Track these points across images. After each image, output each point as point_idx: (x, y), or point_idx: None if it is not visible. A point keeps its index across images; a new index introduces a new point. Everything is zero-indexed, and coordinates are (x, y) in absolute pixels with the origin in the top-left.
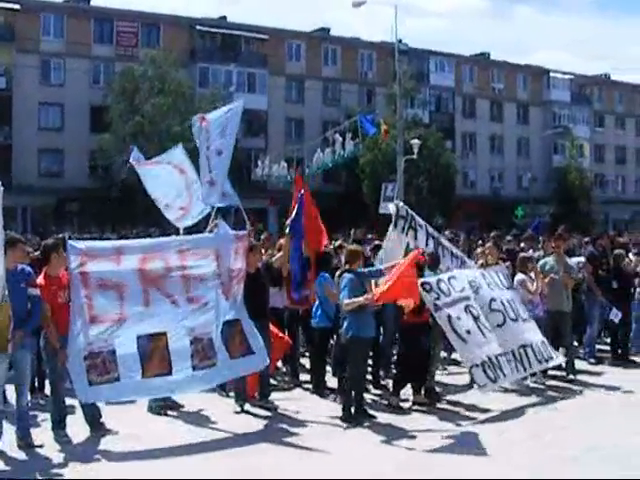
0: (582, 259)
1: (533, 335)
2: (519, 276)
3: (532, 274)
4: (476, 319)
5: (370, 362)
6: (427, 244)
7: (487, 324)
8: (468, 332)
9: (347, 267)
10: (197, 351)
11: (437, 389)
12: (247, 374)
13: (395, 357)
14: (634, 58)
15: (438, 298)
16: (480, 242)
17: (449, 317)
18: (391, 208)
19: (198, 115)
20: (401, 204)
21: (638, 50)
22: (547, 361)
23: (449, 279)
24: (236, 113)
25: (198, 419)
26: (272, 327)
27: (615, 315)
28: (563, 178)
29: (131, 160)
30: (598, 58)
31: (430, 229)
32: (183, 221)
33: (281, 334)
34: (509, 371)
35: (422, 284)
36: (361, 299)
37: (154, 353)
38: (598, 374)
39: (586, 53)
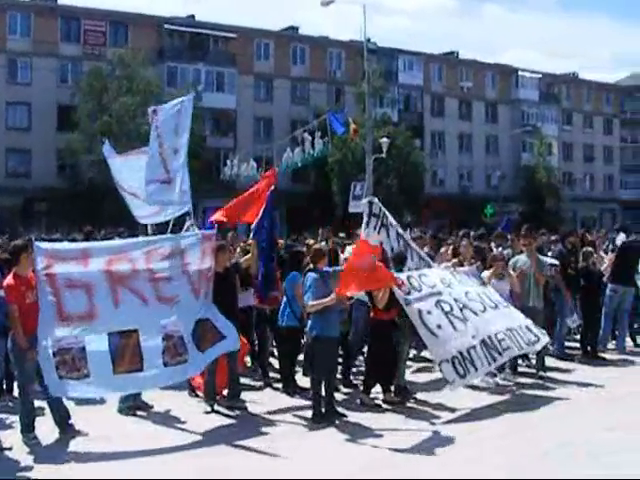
0: (555, 261)
1: (516, 319)
2: (485, 272)
3: (502, 272)
4: (447, 313)
5: (340, 361)
6: (398, 242)
7: (461, 316)
8: (439, 327)
9: (312, 267)
10: (168, 348)
11: (408, 387)
12: (218, 355)
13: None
14: (601, 57)
15: (409, 293)
16: (450, 240)
17: (419, 312)
18: (364, 205)
19: (150, 108)
20: (376, 200)
21: (604, 49)
22: (534, 344)
23: (419, 276)
24: (186, 109)
25: (167, 419)
26: None
27: (573, 321)
28: (532, 176)
29: (104, 152)
30: (566, 57)
31: (400, 229)
32: (155, 218)
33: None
34: (481, 364)
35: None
36: (324, 301)
37: (125, 350)
38: (568, 371)
39: (554, 52)
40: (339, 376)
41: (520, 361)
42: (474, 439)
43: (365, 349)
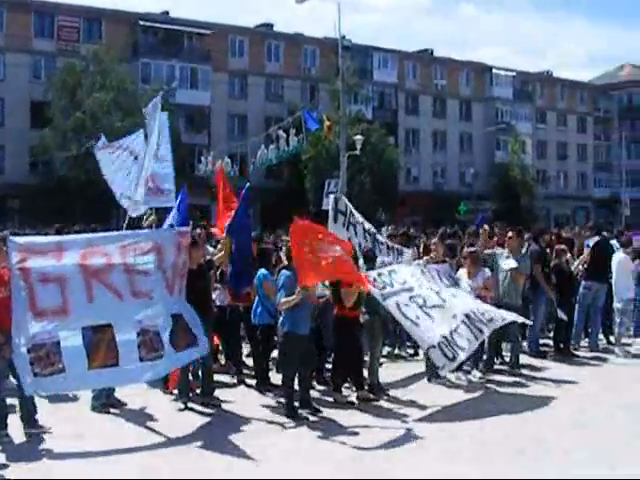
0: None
1: (480, 303)
2: (460, 271)
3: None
4: (422, 307)
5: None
6: (365, 239)
7: (436, 303)
8: (417, 318)
9: (286, 264)
10: (144, 342)
11: (382, 385)
12: (191, 361)
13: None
14: (575, 55)
15: (384, 288)
16: (423, 237)
17: (397, 304)
18: (329, 201)
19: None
20: (342, 198)
21: (579, 47)
22: (504, 319)
23: (389, 272)
24: (159, 114)
25: (141, 417)
26: None
27: (561, 314)
28: (505, 174)
29: (96, 147)
30: (540, 55)
31: (367, 225)
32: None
33: None
34: (466, 343)
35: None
36: (294, 297)
37: (100, 344)
38: (541, 368)
39: (528, 50)
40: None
41: (495, 359)
42: (447, 436)
43: None
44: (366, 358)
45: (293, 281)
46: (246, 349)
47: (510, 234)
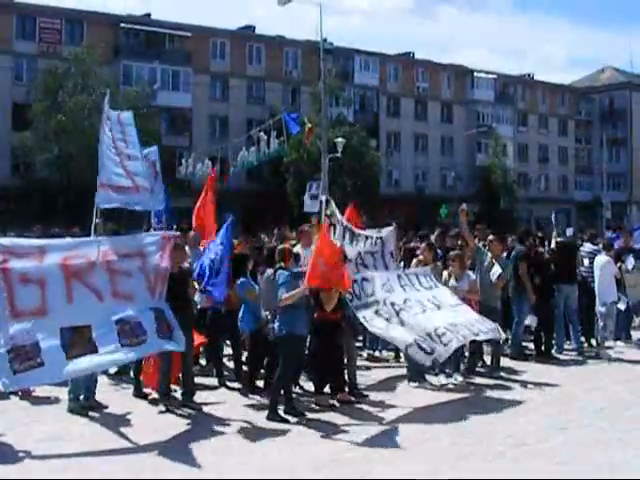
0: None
1: (462, 316)
2: (445, 273)
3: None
4: (387, 320)
5: None
6: (344, 237)
7: (402, 320)
8: (386, 327)
9: (282, 265)
10: (123, 330)
11: (360, 387)
12: (167, 350)
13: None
14: (556, 58)
15: (351, 300)
16: (403, 240)
17: (364, 318)
18: (321, 202)
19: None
20: (330, 200)
21: (560, 50)
22: (486, 333)
23: (362, 281)
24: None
25: (121, 420)
26: None
27: (532, 320)
28: (487, 177)
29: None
30: (521, 58)
31: (346, 223)
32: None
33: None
34: (447, 339)
35: None
36: (298, 291)
37: (78, 341)
38: (523, 371)
39: (509, 53)
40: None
41: (476, 362)
42: (427, 438)
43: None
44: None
45: (292, 279)
46: (228, 351)
47: (491, 237)
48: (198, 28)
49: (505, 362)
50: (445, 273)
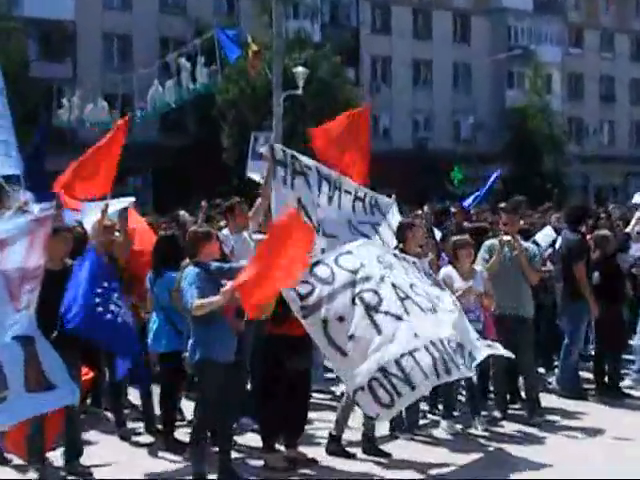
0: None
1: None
2: (446, 270)
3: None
4: (372, 309)
5: None
6: (321, 190)
7: (396, 310)
8: (351, 337)
9: (192, 259)
10: None
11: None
12: (53, 410)
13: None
14: None
15: (310, 294)
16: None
17: (325, 322)
18: (264, 153)
19: None
20: (277, 146)
21: None
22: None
23: (337, 258)
24: None
25: None
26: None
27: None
28: (521, 125)
29: None
30: None
31: (324, 170)
32: None
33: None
34: (423, 375)
35: None
36: (219, 297)
37: None
38: (577, 416)
39: None
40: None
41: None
42: None
43: None
44: None
45: (207, 279)
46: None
47: (505, 218)
48: None
49: (550, 401)
50: (451, 271)
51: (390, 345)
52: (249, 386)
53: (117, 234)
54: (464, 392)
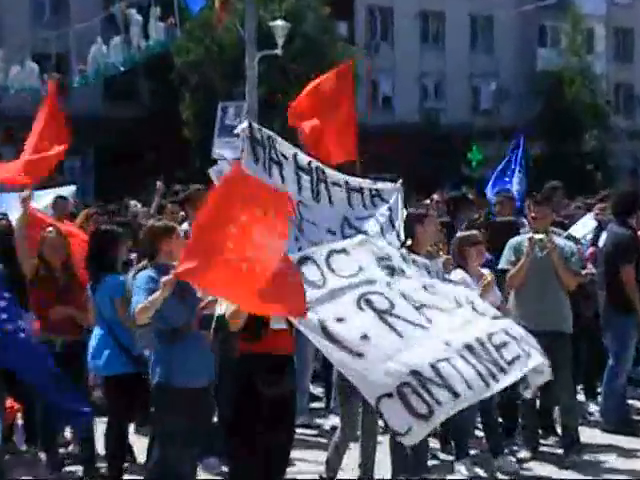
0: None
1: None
2: (459, 273)
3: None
4: (383, 312)
5: None
6: (300, 184)
7: (414, 318)
8: (364, 337)
9: (150, 260)
10: None
11: None
12: None
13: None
14: None
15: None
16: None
17: (322, 323)
18: (240, 129)
19: None
20: (255, 125)
21: None
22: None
23: (328, 256)
24: None
25: None
26: None
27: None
28: (556, 92)
29: None
30: None
31: (303, 158)
32: None
33: None
34: (466, 386)
35: None
36: (158, 294)
37: None
38: (626, 454)
39: None
40: None
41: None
42: None
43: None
44: None
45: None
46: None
47: (535, 211)
48: None
49: (592, 436)
50: (459, 273)
51: (419, 348)
52: (215, 418)
53: (50, 230)
54: (481, 425)
